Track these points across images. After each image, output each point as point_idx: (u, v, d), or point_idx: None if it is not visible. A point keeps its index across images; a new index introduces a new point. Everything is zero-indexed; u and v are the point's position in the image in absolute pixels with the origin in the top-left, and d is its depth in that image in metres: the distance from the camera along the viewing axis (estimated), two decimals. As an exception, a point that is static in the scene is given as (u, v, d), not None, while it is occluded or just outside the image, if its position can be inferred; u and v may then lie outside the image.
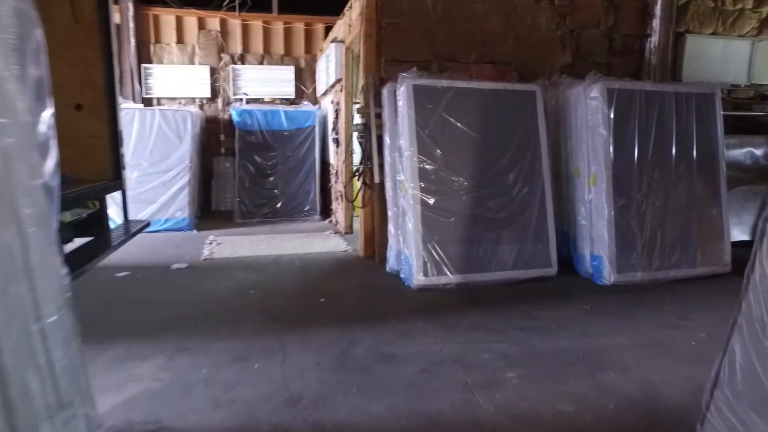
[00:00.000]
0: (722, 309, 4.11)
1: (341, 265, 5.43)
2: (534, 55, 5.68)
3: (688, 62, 6.37)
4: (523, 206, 4.82)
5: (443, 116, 4.64)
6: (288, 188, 8.04)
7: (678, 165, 4.91)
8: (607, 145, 4.69)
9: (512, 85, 4.96)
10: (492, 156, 4.76)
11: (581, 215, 4.96)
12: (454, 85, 4.69)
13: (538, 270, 4.79)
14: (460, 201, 4.61)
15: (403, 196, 4.64)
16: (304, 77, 9.20)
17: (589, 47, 5.88)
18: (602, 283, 4.70)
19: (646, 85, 4.87)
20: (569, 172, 5.16)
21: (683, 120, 4.93)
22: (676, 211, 4.90)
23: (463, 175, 4.64)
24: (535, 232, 4.83)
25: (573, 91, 4.99)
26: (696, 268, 4.93)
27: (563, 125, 5.18)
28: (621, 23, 5.96)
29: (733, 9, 6.53)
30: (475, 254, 4.62)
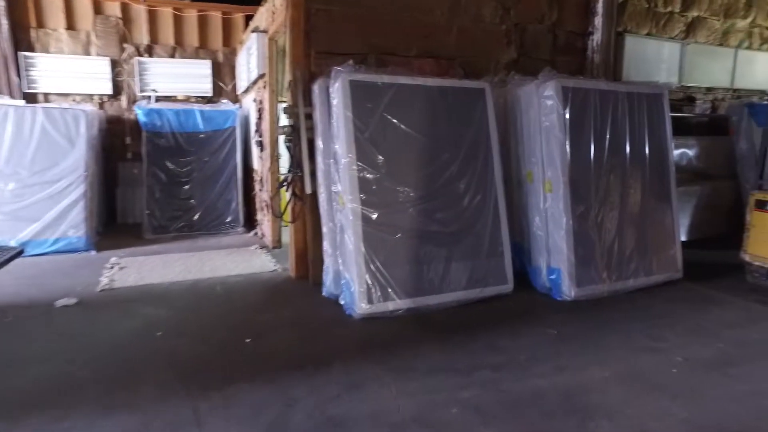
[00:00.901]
0: (685, 322, 3.88)
1: (270, 289, 4.66)
2: (479, 50, 5.22)
3: (627, 62, 6.22)
4: (475, 217, 4.32)
5: (385, 117, 4.03)
6: (206, 198, 7.09)
7: (632, 168, 4.64)
8: (564, 148, 4.30)
9: (460, 81, 4.45)
10: (440, 162, 4.21)
11: (536, 225, 4.54)
12: (396, 81, 4.09)
13: (493, 288, 4.31)
14: (406, 214, 4.02)
15: (341, 210, 3.97)
16: (223, 73, 8.26)
17: (533, 43, 5.53)
18: (562, 298, 4.31)
19: (600, 84, 4.54)
20: (521, 178, 4.74)
21: (635, 121, 4.66)
22: (631, 217, 4.63)
23: (409, 184, 4.06)
24: (490, 246, 4.35)
25: (524, 90, 4.56)
26: (652, 275, 4.69)
27: (513, 126, 4.75)
28: (564, 19, 5.66)
29: (664, 11, 6.47)
30: (426, 275, 4.05)
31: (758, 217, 4.64)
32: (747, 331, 3.75)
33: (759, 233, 4.64)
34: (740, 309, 4.21)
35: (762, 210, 4.60)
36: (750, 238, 4.73)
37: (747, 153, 6.55)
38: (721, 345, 3.48)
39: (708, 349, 3.40)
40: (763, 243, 4.60)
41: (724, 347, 3.45)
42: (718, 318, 3.99)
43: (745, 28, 7.28)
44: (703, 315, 4.04)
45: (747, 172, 6.57)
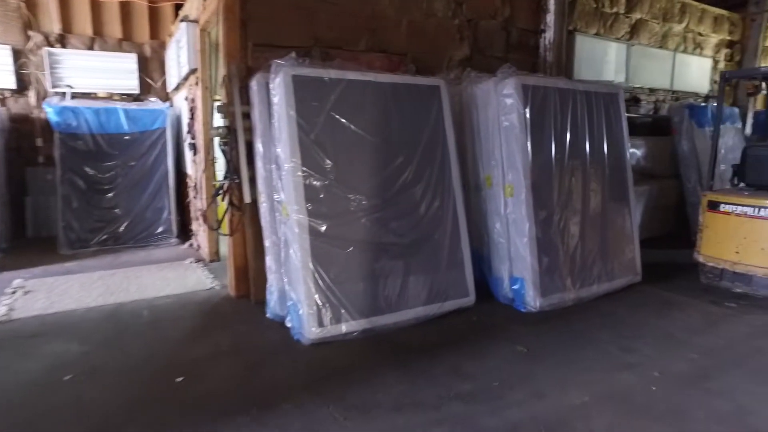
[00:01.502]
0: (653, 330, 3.74)
1: (207, 312, 4.11)
2: (431, 46, 4.90)
3: (578, 61, 6.13)
4: (433, 226, 3.98)
5: (333, 116, 3.60)
6: (133, 207, 6.36)
7: (592, 170, 4.47)
8: (525, 150, 4.05)
9: (414, 78, 4.10)
10: (395, 166, 3.84)
11: (496, 232, 4.28)
12: (345, 77, 3.68)
13: (454, 302, 3.99)
14: (359, 225, 3.62)
15: (285, 221, 3.51)
16: (151, 68, 7.50)
17: (487, 39, 5.29)
18: (526, 309, 4.06)
19: (559, 83, 4.34)
20: (479, 182, 4.46)
21: (594, 121, 4.50)
22: (593, 221, 4.46)
23: (361, 191, 3.66)
24: (449, 256, 4.03)
25: (481, 88, 4.28)
26: (614, 280, 4.55)
27: (469, 127, 4.46)
28: (517, 16, 5.46)
29: (610, 12, 6.45)
30: (382, 291, 3.66)
31: (711, 218, 4.62)
32: (712, 338, 3.64)
33: (712, 234, 4.61)
34: (699, 312, 4.13)
35: (714, 211, 4.58)
36: (703, 239, 4.71)
37: (688, 153, 6.65)
38: (694, 355, 3.34)
39: (681, 362, 3.24)
40: (716, 244, 4.58)
41: (696, 358, 3.31)
42: (682, 324, 3.88)
43: (681, 32, 7.44)
44: (668, 321, 3.91)
45: (689, 172, 6.68)
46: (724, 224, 4.49)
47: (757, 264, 4.31)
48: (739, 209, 4.38)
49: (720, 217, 4.52)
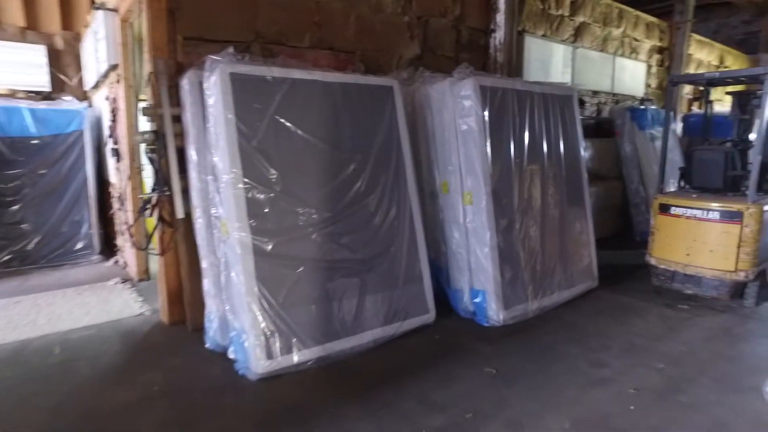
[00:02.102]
0: (618, 340, 3.63)
1: (135, 345, 3.57)
2: (380, 44, 4.60)
3: (527, 62, 6.06)
4: (389, 238, 3.68)
5: (277, 120, 3.21)
6: (45, 220, 5.59)
7: (551, 174, 4.35)
8: (485, 155, 3.84)
9: (365, 78, 3.77)
10: (347, 174, 3.50)
11: (455, 242, 4.04)
12: (290, 76, 3.29)
13: (414, 320, 3.71)
14: (309, 242, 3.25)
15: (225, 240, 3.08)
16: (65, 63, 6.66)
17: (437, 38, 5.06)
18: (489, 324, 3.85)
19: (516, 84, 4.16)
20: (435, 189, 4.21)
21: (551, 124, 4.38)
22: (552, 226, 4.33)
23: (311, 203, 3.29)
24: (407, 271, 3.74)
25: (436, 88, 4.03)
26: (574, 287, 4.45)
27: (424, 130, 4.20)
28: (467, 15, 5.28)
29: (556, 14, 6.44)
30: (336, 314, 3.32)
31: (662, 221, 4.63)
32: (673, 344, 3.58)
33: (663, 236, 4.63)
34: (657, 317, 4.11)
35: (665, 214, 4.59)
36: (654, 241, 4.71)
37: (631, 155, 6.78)
38: (661, 365, 3.25)
39: (651, 374, 3.13)
40: (668, 246, 4.59)
41: (663, 368, 3.22)
42: (643, 330, 3.81)
43: (619, 37, 7.61)
44: (630, 329, 3.84)
45: (631, 173, 6.82)
46: (675, 227, 4.51)
47: (706, 266, 4.35)
48: (689, 212, 4.41)
49: (671, 219, 4.54)
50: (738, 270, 4.22)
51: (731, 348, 3.58)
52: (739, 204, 4.17)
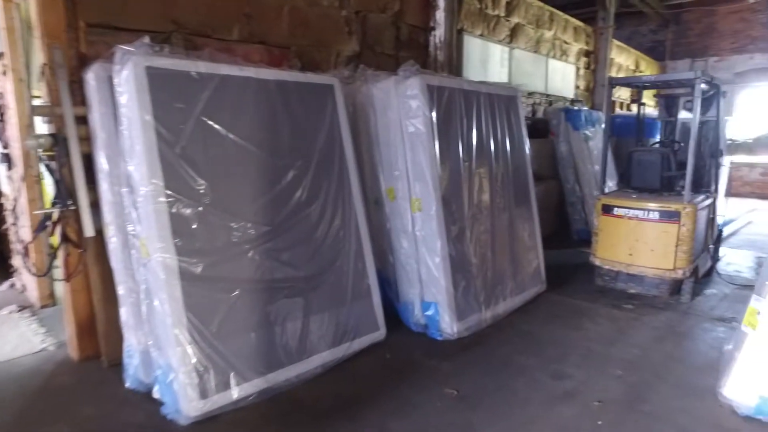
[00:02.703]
0: (575, 348, 3.54)
1: (35, 390, 2.98)
2: (316, 39, 4.26)
3: (466, 62, 5.95)
4: (334, 251, 3.37)
5: (205, 122, 2.79)
6: None
7: (498, 176, 4.21)
8: (434, 159, 3.62)
9: (304, 75, 3.42)
10: (286, 182, 3.14)
11: (403, 252, 3.80)
12: (218, 72, 2.88)
13: (364, 338, 3.43)
14: (245, 261, 2.86)
15: (145, 262, 2.63)
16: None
17: (376, 35, 4.79)
18: (443, 338, 3.64)
19: (463, 84, 3.98)
20: (380, 195, 3.94)
21: (497, 125, 4.25)
22: (502, 231, 4.20)
23: (247, 216, 2.90)
24: (355, 286, 3.44)
25: (380, 87, 3.76)
26: (525, 292, 4.36)
27: (366, 132, 3.92)
28: (406, 11, 5.06)
29: (493, 14, 6.40)
30: (279, 339, 2.95)
31: (605, 222, 4.66)
32: (626, 348, 3.56)
33: (606, 237, 4.66)
34: (606, 319, 4.10)
35: (608, 214, 4.62)
36: (598, 242, 4.74)
37: (566, 155, 6.89)
38: (619, 372, 3.19)
39: (612, 383, 3.06)
40: (611, 247, 4.63)
41: (622, 374, 3.16)
42: (596, 335, 3.77)
43: (551, 39, 7.75)
44: (584, 334, 3.78)
45: (567, 173, 6.93)
46: (617, 227, 4.55)
47: (647, 265, 4.42)
48: (631, 212, 4.46)
49: (613, 220, 4.57)
50: (676, 268, 4.31)
51: (679, 348, 3.61)
52: (677, 204, 4.26)
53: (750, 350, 2.78)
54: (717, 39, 12.50)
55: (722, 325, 4.00)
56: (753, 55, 12.12)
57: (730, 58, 12.35)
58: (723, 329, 3.90)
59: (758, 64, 12.06)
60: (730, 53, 12.37)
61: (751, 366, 2.76)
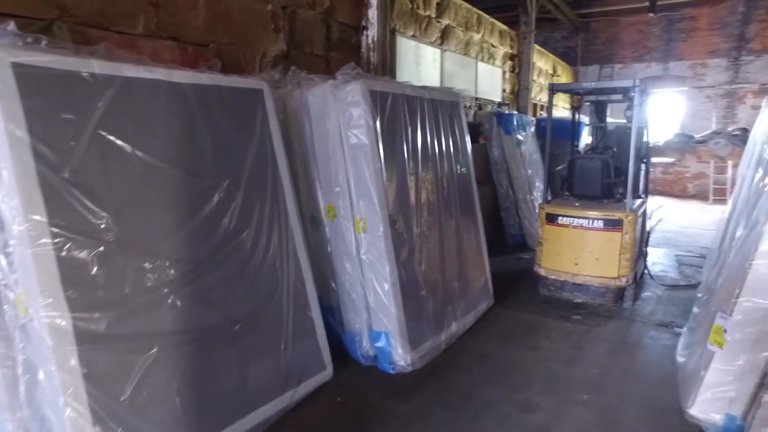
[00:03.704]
0: (535, 372, 3.34)
1: None
2: (240, 36, 3.73)
3: (399, 63, 5.65)
4: (271, 284, 2.88)
5: (104, 137, 2.20)
6: None
7: (444, 188, 3.93)
8: (380, 174, 3.25)
9: (228, 78, 2.89)
10: (212, 206, 2.61)
11: (348, 278, 3.39)
12: (120, 73, 2.29)
13: (311, 381, 2.98)
14: (164, 308, 2.30)
15: (24, 323, 2.00)
16: None
17: (305, 33, 4.33)
18: (397, 371, 3.28)
19: (406, 89, 3.64)
20: (317, 214, 3.51)
21: (441, 133, 3.97)
22: (451, 247, 3.93)
23: (164, 253, 2.34)
24: (296, 321, 2.98)
25: (316, 93, 3.32)
26: (475, 309, 4.13)
27: (301, 143, 3.48)
28: (337, 8, 4.64)
29: (424, 14, 6.16)
30: (211, 399, 2.43)
31: (550, 231, 4.56)
32: (586, 366, 3.43)
33: (552, 247, 4.56)
34: (559, 334, 3.96)
35: (553, 224, 4.52)
36: (543, 252, 4.63)
37: (499, 159, 6.83)
38: (585, 396, 3.02)
39: (581, 410, 2.89)
40: (556, 256, 4.53)
41: (589, 399, 2.99)
42: (554, 354, 3.60)
43: (479, 42, 7.69)
44: (541, 354, 3.60)
45: (500, 177, 6.87)
46: (562, 236, 4.45)
47: (593, 274, 4.36)
48: (576, 221, 4.38)
49: (558, 229, 4.48)
50: (620, 276, 4.29)
51: (634, 361, 3.54)
52: (620, 212, 4.24)
53: (717, 369, 2.70)
54: (620, 48, 13.32)
55: (665, 331, 4.02)
56: (650, 63, 13.06)
57: (632, 65, 13.22)
58: (667, 336, 3.91)
59: (654, 72, 13.02)
60: (632, 61, 13.24)
61: (719, 385, 2.68)
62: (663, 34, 12.74)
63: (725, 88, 12.22)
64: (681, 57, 12.61)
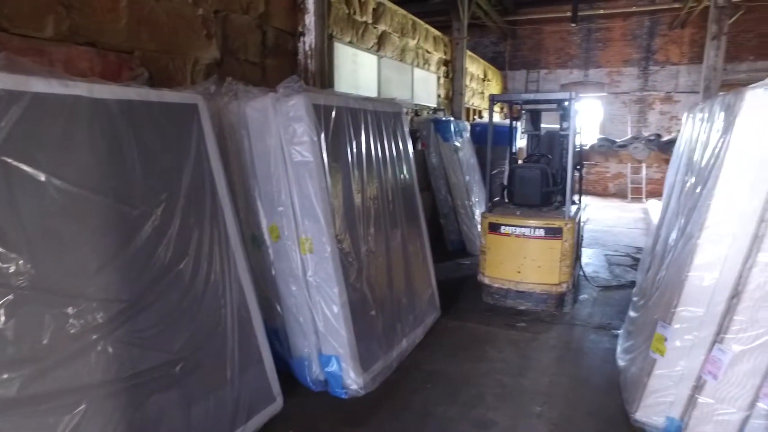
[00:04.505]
0: (488, 386, 3.34)
1: None
2: (168, 42, 3.43)
3: (338, 71, 5.50)
4: (214, 315, 2.66)
5: (8, 164, 1.90)
6: None
7: (390, 201, 3.85)
8: (325, 191, 3.10)
9: (158, 93, 2.62)
10: (145, 236, 2.35)
11: (294, 301, 3.22)
12: (28, 88, 1.99)
13: (260, 415, 2.79)
14: (92, 357, 2.02)
15: None
16: None
17: (240, 39, 4.08)
18: (349, 395, 3.16)
19: (350, 102, 3.51)
20: (259, 233, 3.32)
21: (385, 145, 3.89)
22: (398, 262, 3.86)
23: (89, 294, 2.06)
24: (242, 352, 2.77)
25: (255, 107, 3.12)
26: (424, 322, 4.09)
27: (239, 160, 3.27)
28: (273, 13, 4.41)
29: (361, 20, 6.05)
30: (150, 451, 2.19)
31: (492, 240, 4.61)
32: (535, 376, 3.49)
33: (495, 255, 4.62)
34: (506, 343, 4.01)
35: (495, 233, 4.58)
36: (486, 261, 4.68)
37: (438, 166, 6.87)
38: (538, 408, 3.07)
39: (536, 423, 2.93)
40: (500, 265, 4.60)
41: (541, 411, 3.04)
42: (503, 365, 3.63)
43: (414, 48, 7.70)
44: (491, 365, 3.61)
45: (439, 184, 6.92)
46: (505, 245, 4.52)
47: (535, 281, 4.47)
48: (518, 230, 4.46)
49: (501, 238, 4.54)
50: (561, 282, 4.43)
51: (580, 367, 3.64)
52: (559, 221, 4.36)
53: (658, 375, 2.82)
54: (545, 54, 13.95)
55: (604, 333, 4.19)
56: (572, 70, 13.79)
57: (557, 71, 13.88)
58: (606, 339, 4.08)
59: (576, 78, 13.76)
60: (556, 67, 13.90)
61: (660, 390, 2.81)
62: (583, 42, 13.49)
63: (637, 95, 13.15)
64: (599, 65, 13.41)
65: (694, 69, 12.20)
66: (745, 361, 2.55)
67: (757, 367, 2.54)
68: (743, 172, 2.44)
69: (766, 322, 2.49)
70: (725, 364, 2.60)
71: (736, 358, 2.56)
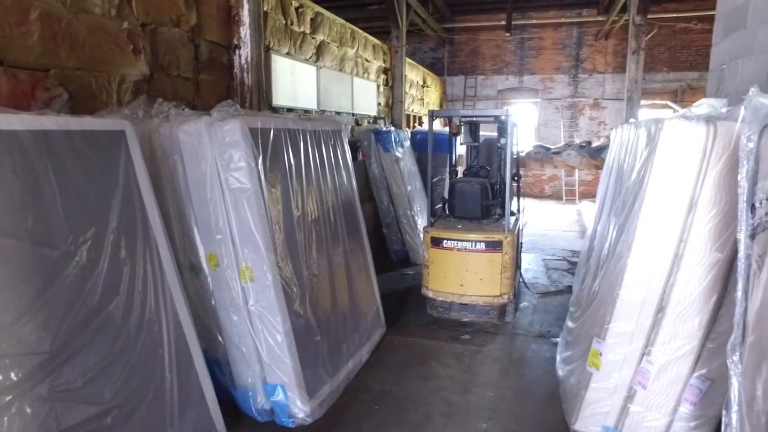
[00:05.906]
0: (435, 405, 3.37)
1: None
2: (90, 59, 3.20)
3: (275, 84, 5.37)
4: (150, 355, 2.52)
5: None
6: None
7: (331, 221, 3.80)
8: (265, 218, 3.01)
9: (79, 120, 2.43)
10: (70, 276, 2.18)
11: (235, 330, 3.11)
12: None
13: (202, 458, 2.66)
14: (8, 420, 1.85)
15: None
16: None
17: (170, 54, 3.88)
18: (296, 424, 3.09)
19: (288, 123, 3.43)
20: (196, 261, 3.18)
21: (326, 164, 3.83)
22: (341, 282, 3.82)
23: (3, 349, 1.89)
24: (182, 392, 2.64)
25: (188, 131, 2.97)
26: (369, 340, 4.07)
27: (172, 186, 3.12)
28: (205, 26, 4.24)
29: (299, 31, 5.95)
30: None
31: (435, 254, 4.67)
32: (480, 391, 3.56)
33: (438, 269, 4.68)
34: (452, 357, 4.07)
35: (438, 247, 4.64)
36: (430, 275, 4.74)
37: (379, 176, 6.89)
38: (484, 425, 3.14)
39: (481, 445, 2.97)
40: (443, 278, 4.66)
41: (487, 427, 3.10)
42: (450, 382, 3.67)
43: (353, 57, 7.68)
44: (437, 383, 3.65)
45: (381, 194, 6.94)
46: (448, 259, 4.59)
47: (478, 293, 4.57)
48: (459, 244, 4.54)
49: (443, 252, 4.61)
50: (502, 294, 4.55)
51: (522, 379, 3.75)
52: (499, 234, 4.48)
53: (595, 387, 2.95)
54: (482, 60, 14.36)
55: (544, 342, 4.34)
56: (508, 76, 14.28)
57: (493, 77, 14.33)
58: (546, 347, 4.23)
59: (512, 84, 14.27)
60: (492, 73, 14.34)
61: (596, 402, 2.95)
62: (517, 50, 14.00)
63: (569, 101, 13.82)
64: (533, 72, 13.97)
65: (618, 78, 13.00)
66: (669, 371, 2.73)
67: (678, 375, 2.73)
68: (664, 197, 2.60)
69: (686, 334, 2.67)
70: (653, 374, 2.77)
71: (661, 368, 2.73)
